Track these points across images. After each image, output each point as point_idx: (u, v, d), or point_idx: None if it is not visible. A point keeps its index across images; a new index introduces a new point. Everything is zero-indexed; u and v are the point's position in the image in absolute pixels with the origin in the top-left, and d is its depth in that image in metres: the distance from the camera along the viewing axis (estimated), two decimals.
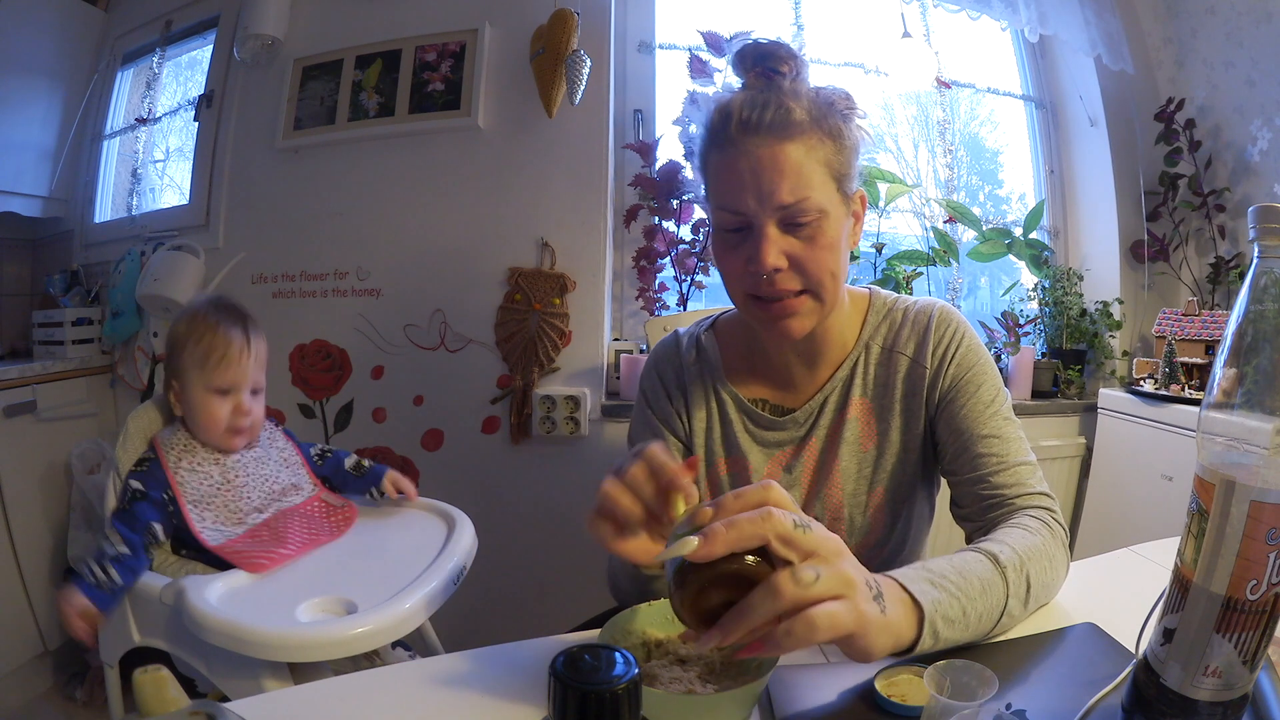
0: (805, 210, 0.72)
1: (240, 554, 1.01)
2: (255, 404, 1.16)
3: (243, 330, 1.16)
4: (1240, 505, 0.43)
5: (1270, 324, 0.43)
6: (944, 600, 0.56)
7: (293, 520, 1.11)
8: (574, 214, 1.80)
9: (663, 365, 0.93)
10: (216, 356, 1.12)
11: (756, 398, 0.88)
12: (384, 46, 1.85)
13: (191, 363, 1.12)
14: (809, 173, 0.72)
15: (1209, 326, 1.77)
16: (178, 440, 1.12)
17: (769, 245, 0.72)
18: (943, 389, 0.82)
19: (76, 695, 1.78)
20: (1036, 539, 0.68)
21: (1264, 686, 0.49)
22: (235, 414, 1.12)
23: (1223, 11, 1.92)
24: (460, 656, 0.65)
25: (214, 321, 1.14)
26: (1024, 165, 2.27)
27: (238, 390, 1.13)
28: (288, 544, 1.04)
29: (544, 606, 1.87)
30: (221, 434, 1.12)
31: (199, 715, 0.40)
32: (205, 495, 1.08)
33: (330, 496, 1.21)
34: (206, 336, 1.12)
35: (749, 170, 0.72)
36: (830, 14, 2.02)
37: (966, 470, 0.79)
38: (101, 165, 2.26)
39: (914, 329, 0.85)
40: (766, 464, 0.87)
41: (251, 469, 1.15)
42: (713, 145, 0.75)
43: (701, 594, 0.48)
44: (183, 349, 1.12)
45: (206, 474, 1.10)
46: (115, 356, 2.07)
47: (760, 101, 0.72)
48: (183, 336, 1.13)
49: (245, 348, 1.15)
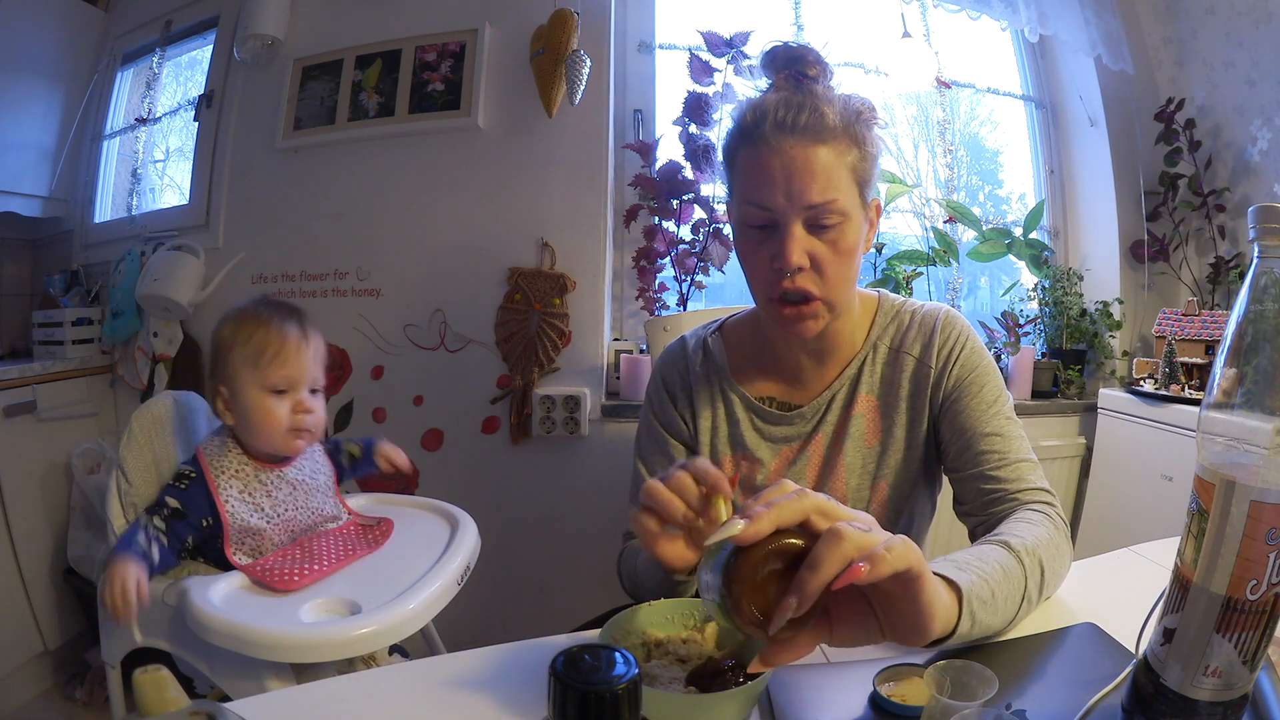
0: (831, 211, 0.75)
1: (270, 572, 0.95)
2: (316, 403, 1.08)
3: (298, 324, 1.07)
4: (1240, 505, 0.43)
5: (1270, 324, 0.43)
6: (976, 582, 0.56)
7: (325, 540, 1.05)
8: (574, 214, 1.80)
9: (667, 370, 0.95)
10: (271, 352, 1.03)
11: (764, 396, 0.90)
12: (384, 46, 1.85)
13: (242, 363, 1.03)
14: (837, 176, 0.75)
15: (1209, 326, 1.77)
16: (229, 461, 1.04)
17: (794, 244, 0.75)
18: (946, 389, 0.84)
19: (76, 695, 1.78)
20: (1042, 530, 0.69)
21: (1264, 686, 0.49)
22: (296, 412, 1.04)
23: (1223, 11, 1.92)
24: (460, 656, 0.65)
25: (265, 317, 1.05)
26: (1024, 165, 2.27)
27: (296, 388, 1.05)
28: (320, 560, 0.98)
29: (544, 606, 1.87)
30: (282, 436, 1.04)
31: (199, 715, 0.40)
32: (252, 528, 1.01)
33: (364, 518, 1.14)
34: (258, 334, 1.04)
35: (781, 168, 0.74)
36: (830, 14, 2.02)
37: (969, 467, 0.81)
38: (101, 165, 2.26)
39: (920, 331, 0.87)
40: (774, 459, 0.88)
41: (300, 500, 1.07)
42: (744, 142, 0.77)
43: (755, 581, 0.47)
44: (230, 350, 1.04)
45: (257, 505, 1.02)
46: (115, 356, 2.07)
47: (796, 103, 0.75)
48: (229, 338, 1.04)
49: (303, 341, 1.06)
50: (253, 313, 1.06)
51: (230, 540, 1.00)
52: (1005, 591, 0.59)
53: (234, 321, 1.06)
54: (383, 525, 1.12)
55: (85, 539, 1.85)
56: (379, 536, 1.09)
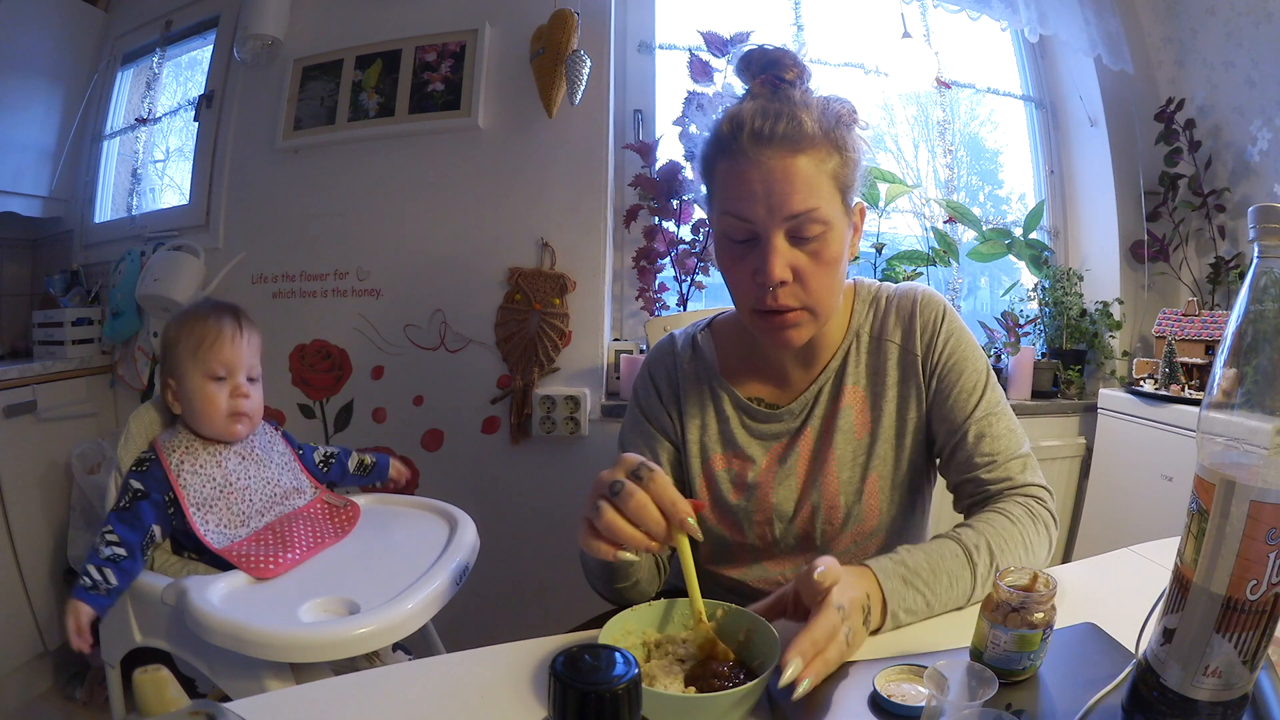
0: (813, 221, 0.73)
1: (246, 558, 1.00)
2: (253, 389, 1.17)
3: (234, 318, 1.17)
4: (1240, 505, 0.43)
5: (1270, 324, 0.43)
6: (909, 596, 0.66)
7: (297, 523, 1.11)
8: (574, 214, 1.80)
9: (655, 366, 0.94)
10: (209, 342, 1.13)
11: (753, 396, 0.90)
12: (384, 46, 1.85)
13: (185, 354, 1.13)
14: (818, 184, 0.73)
15: (1209, 326, 1.77)
16: (179, 442, 1.12)
17: (776, 257, 0.73)
18: (932, 373, 0.85)
19: (76, 695, 1.78)
20: (1013, 524, 0.74)
21: (1264, 686, 0.49)
22: (234, 397, 1.13)
23: (1223, 11, 1.92)
24: (460, 656, 0.65)
25: (204, 314, 1.16)
26: (1024, 165, 2.27)
27: (233, 374, 1.14)
28: (293, 548, 1.04)
29: (544, 606, 1.87)
30: (223, 420, 1.12)
31: (199, 715, 0.40)
32: (208, 498, 1.08)
33: (331, 497, 1.21)
34: (198, 327, 1.14)
35: (760, 180, 0.72)
36: (830, 14, 2.02)
37: (954, 463, 0.83)
38: (101, 165, 2.26)
39: (899, 315, 0.87)
40: (764, 456, 0.88)
41: (253, 471, 1.15)
42: (721, 154, 0.76)
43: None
44: (176, 345, 1.14)
45: (209, 476, 1.10)
46: (115, 356, 2.07)
47: (772, 112, 0.73)
48: (175, 334, 1.15)
49: (238, 332, 1.16)
50: (193, 311, 1.18)
51: (190, 514, 1.05)
52: (946, 599, 0.68)
53: (179, 320, 1.17)
54: (349, 509, 1.18)
55: (85, 539, 1.85)
56: (346, 522, 1.15)
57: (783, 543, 0.87)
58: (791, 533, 0.86)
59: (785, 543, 0.87)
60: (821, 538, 0.86)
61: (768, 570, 0.88)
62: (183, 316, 1.17)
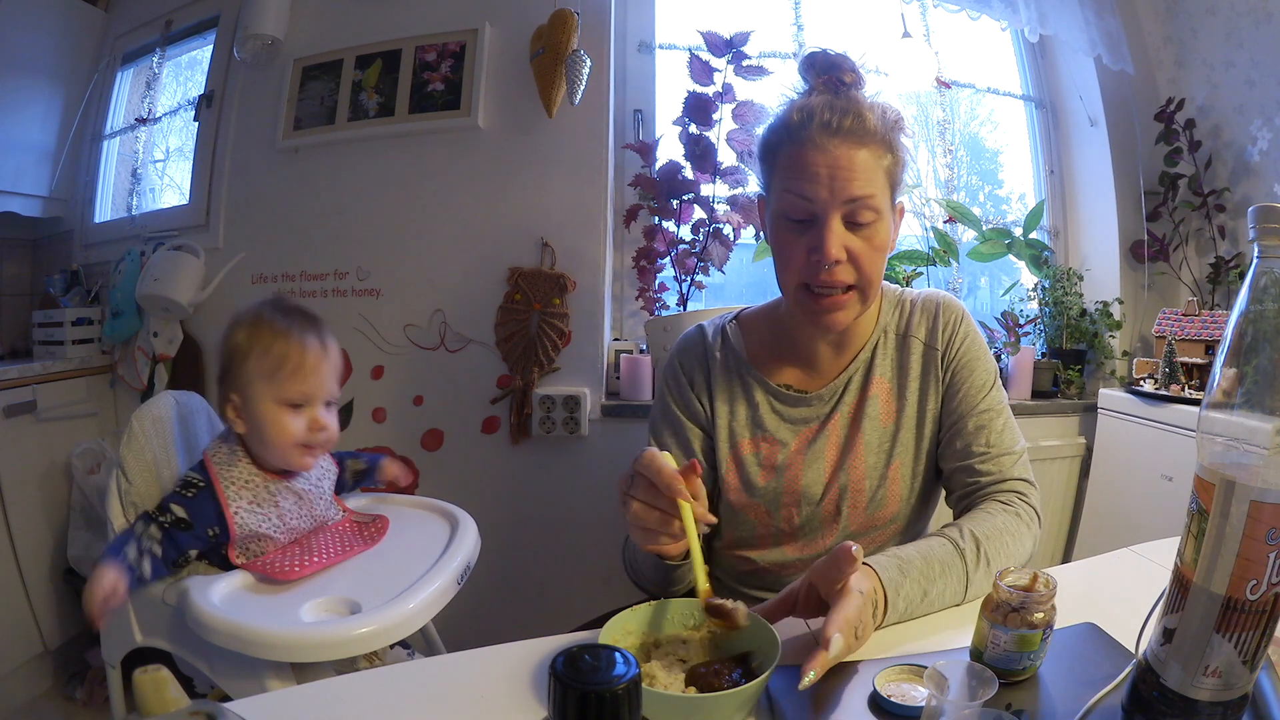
0: (869, 208, 0.80)
1: (270, 564, 0.95)
2: (330, 417, 1.05)
3: (317, 335, 1.04)
4: (1240, 505, 0.43)
5: (1270, 324, 0.43)
6: (906, 584, 0.69)
7: (323, 535, 1.05)
8: (574, 214, 1.80)
9: (685, 356, 0.98)
10: (290, 367, 1.00)
11: (783, 383, 0.94)
12: (384, 46, 1.85)
13: (258, 374, 0.99)
14: (874, 176, 0.80)
15: (1209, 326, 1.77)
16: (238, 471, 1.01)
17: (833, 237, 0.79)
18: (950, 368, 0.91)
19: (76, 695, 1.78)
20: (992, 516, 0.79)
21: (1264, 686, 0.49)
22: (311, 430, 1.02)
23: (1223, 11, 1.92)
24: (460, 656, 0.65)
25: (284, 328, 1.02)
26: (1024, 165, 2.27)
27: (313, 403, 1.02)
28: (320, 553, 0.99)
29: (544, 606, 1.87)
30: (294, 451, 1.02)
31: (199, 715, 0.40)
32: (255, 535, 1.00)
33: (360, 515, 1.14)
34: (277, 345, 1.00)
35: (825, 165, 0.79)
36: (830, 14, 2.02)
37: (954, 459, 0.88)
38: (101, 165, 2.26)
39: (924, 315, 0.93)
40: (794, 439, 0.91)
41: (304, 510, 1.06)
42: (790, 139, 0.82)
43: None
44: (245, 359, 1.00)
45: (265, 515, 1.01)
46: (115, 356, 2.07)
47: (840, 108, 0.80)
48: (244, 346, 1.00)
49: (322, 354, 1.03)
50: (269, 321, 1.02)
51: (235, 546, 1.00)
52: (940, 588, 0.71)
53: (249, 327, 1.02)
54: (378, 522, 1.12)
55: (85, 539, 1.85)
56: (375, 533, 1.10)
57: (807, 525, 0.91)
58: (817, 515, 0.90)
59: (810, 525, 0.90)
60: (845, 520, 0.89)
61: (785, 554, 0.92)
62: (255, 323, 1.02)
